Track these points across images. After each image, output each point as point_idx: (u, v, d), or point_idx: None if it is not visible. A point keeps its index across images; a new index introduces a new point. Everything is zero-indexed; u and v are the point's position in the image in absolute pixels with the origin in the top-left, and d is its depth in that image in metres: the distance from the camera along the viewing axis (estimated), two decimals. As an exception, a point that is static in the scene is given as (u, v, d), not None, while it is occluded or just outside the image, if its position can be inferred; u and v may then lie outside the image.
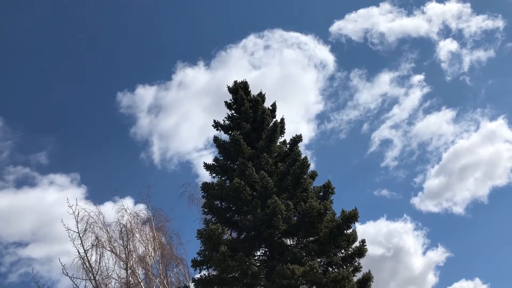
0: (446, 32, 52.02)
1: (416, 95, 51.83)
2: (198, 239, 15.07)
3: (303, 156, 16.32)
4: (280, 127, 17.65)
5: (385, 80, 52.89)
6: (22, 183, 48.60)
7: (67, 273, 14.70)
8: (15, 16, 53.14)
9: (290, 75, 51.14)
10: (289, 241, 16.04)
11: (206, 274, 15.35)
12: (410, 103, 52.01)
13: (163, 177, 47.31)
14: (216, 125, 18.93)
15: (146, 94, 52.43)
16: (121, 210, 23.81)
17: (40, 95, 56.14)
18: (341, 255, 15.45)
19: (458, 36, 52.22)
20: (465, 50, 51.64)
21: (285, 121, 18.31)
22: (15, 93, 55.48)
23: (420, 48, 53.69)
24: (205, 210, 16.70)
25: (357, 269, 15.16)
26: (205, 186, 16.86)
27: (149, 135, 51.42)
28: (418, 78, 52.55)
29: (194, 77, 52.67)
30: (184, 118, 51.16)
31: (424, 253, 41.04)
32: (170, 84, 53.82)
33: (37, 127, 56.02)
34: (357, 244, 15.45)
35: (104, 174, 51.22)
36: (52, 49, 56.78)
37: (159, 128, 50.61)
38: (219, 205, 16.76)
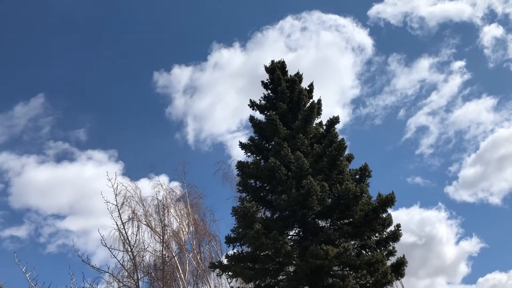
0: (491, 17, 50.09)
1: (455, 81, 50.42)
2: (232, 216, 15.26)
3: (340, 138, 16.15)
4: (317, 108, 17.46)
5: (424, 66, 51.55)
6: (62, 157, 50.26)
7: (105, 243, 15.17)
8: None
9: (327, 58, 50.41)
10: (322, 223, 16.04)
11: (239, 251, 15.57)
12: (449, 89, 50.66)
13: (196, 157, 47.95)
14: (252, 104, 18.90)
15: (182, 74, 52.85)
16: (157, 185, 24.34)
17: (81, 74, 57.50)
18: (375, 238, 15.33)
19: (504, 21, 50.23)
20: (511, 35, 49.60)
21: (321, 102, 18.13)
22: (57, 70, 57.03)
23: (462, 33, 51.97)
24: (240, 188, 16.87)
25: (391, 253, 15.03)
26: (240, 165, 16.94)
27: (183, 116, 51.99)
28: (458, 64, 51.04)
29: (229, 59, 52.62)
30: (218, 99, 51.37)
31: (457, 242, 40.35)
32: (205, 65, 54.01)
33: (77, 105, 57.56)
34: (392, 228, 15.29)
35: (140, 152, 52.31)
36: (93, 28, 57.87)
37: (194, 109, 51.06)
38: (254, 184, 16.87)
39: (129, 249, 15.77)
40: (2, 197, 47.19)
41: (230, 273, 15.31)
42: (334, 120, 17.46)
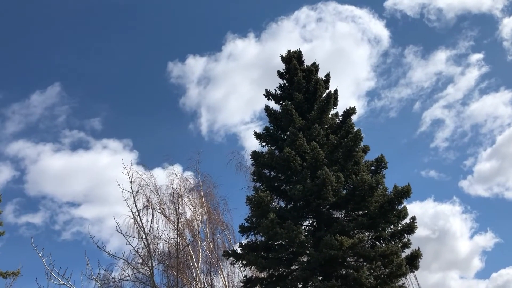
0: (511, 8, 49.06)
1: (473, 74, 49.73)
2: (247, 205, 15.28)
3: (356, 129, 16.02)
4: (333, 98, 17.33)
5: (440, 58, 50.90)
6: (77, 146, 50.89)
7: (120, 230, 15.30)
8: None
9: (342, 50, 49.98)
10: (337, 214, 15.99)
11: (253, 240, 15.61)
12: (466, 83, 50.01)
13: (210, 148, 48.17)
14: (268, 94, 18.81)
15: (196, 64, 52.87)
16: (172, 174, 24.46)
17: (96, 63, 57.89)
18: (390, 230, 15.24)
19: (525, 13, 49.17)
20: (531, 28, 48.67)
21: (338, 93, 17.97)
22: (73, 60, 57.45)
23: (480, 25, 51.14)
24: (254, 178, 16.86)
25: (406, 245, 14.95)
26: (255, 155, 16.91)
27: (197, 107, 52.10)
28: (476, 57, 50.31)
29: (243, 49, 52.47)
30: (232, 90, 51.35)
31: (471, 237, 40.01)
32: (220, 56, 53.94)
33: (92, 94, 58.14)
34: (407, 220, 15.18)
35: (154, 142, 52.74)
36: (108, 18, 58.11)
37: (208, 99, 51.13)
38: (268, 174, 16.84)
39: (144, 237, 15.88)
40: (18, 184, 47.97)
41: (243, 261, 15.37)
42: (350, 111, 17.31)
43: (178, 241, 17.52)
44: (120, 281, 19.43)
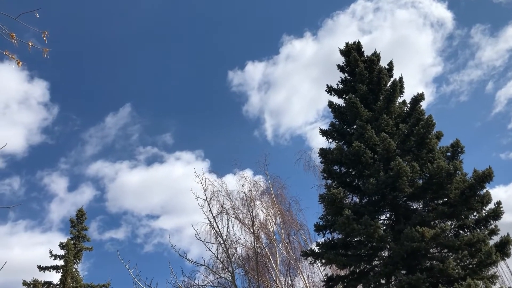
0: None
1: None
2: (320, 203, 15.15)
3: (427, 115, 15.38)
4: (399, 86, 16.77)
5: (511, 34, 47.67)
6: (152, 161, 53.14)
7: (199, 237, 15.69)
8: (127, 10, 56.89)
9: (404, 37, 48.36)
10: (415, 205, 15.44)
11: (330, 238, 15.43)
12: (543, 56, 46.42)
13: (276, 152, 48.42)
14: (330, 89, 18.56)
15: (255, 71, 53.41)
16: (242, 179, 24.86)
17: (161, 81, 60.15)
18: (474, 217, 14.47)
19: None
20: None
21: (403, 80, 17.36)
22: (140, 80, 60.09)
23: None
24: (324, 175, 16.64)
25: (493, 232, 14.09)
26: (323, 152, 16.71)
27: (260, 113, 52.57)
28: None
29: (301, 49, 52.25)
30: (293, 92, 51.27)
31: None
32: (277, 59, 54.11)
33: (160, 111, 60.45)
34: (491, 206, 14.33)
35: (223, 150, 53.88)
36: (167, 36, 60.28)
37: (270, 104, 51.44)
38: (338, 170, 16.58)
39: (222, 242, 16.18)
40: (100, 202, 50.75)
41: (322, 260, 15.23)
42: (418, 97, 16.66)
43: (255, 244, 17.68)
44: (203, 287, 19.93)
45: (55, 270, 24.97)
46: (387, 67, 17.96)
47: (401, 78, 17.07)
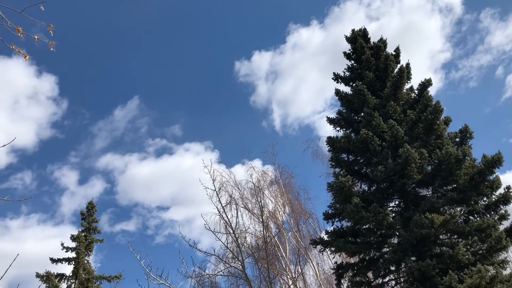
0: None
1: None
2: (328, 192, 15.17)
3: (434, 101, 15.28)
4: (406, 72, 16.64)
5: (522, 17, 46.97)
6: (161, 152, 53.41)
7: (209, 227, 15.77)
8: (139, 9, 56.76)
9: (412, 24, 47.87)
10: (424, 191, 15.40)
11: (339, 226, 15.46)
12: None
13: (285, 142, 48.37)
14: (336, 77, 18.46)
15: (262, 60, 53.18)
16: (250, 169, 24.92)
17: (169, 73, 60.17)
18: (484, 203, 14.41)
19: None
20: None
21: (410, 66, 17.22)
22: (147, 72, 60.18)
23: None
24: (332, 164, 16.63)
25: (503, 217, 14.04)
26: (330, 140, 16.68)
27: (268, 103, 52.47)
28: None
29: (308, 38, 51.90)
30: (300, 81, 51.01)
31: None
32: (284, 48, 53.80)
33: (169, 103, 60.57)
34: (501, 191, 14.27)
35: (232, 141, 53.95)
36: (174, 27, 60.15)
37: (277, 94, 51.28)
38: (346, 158, 16.56)
39: (231, 232, 16.26)
40: (110, 195, 51.16)
41: (332, 248, 15.27)
42: (426, 83, 16.53)
43: (265, 233, 17.76)
44: (214, 277, 20.11)
45: (67, 262, 25.25)
46: (394, 53, 17.82)
47: (408, 64, 16.93)
